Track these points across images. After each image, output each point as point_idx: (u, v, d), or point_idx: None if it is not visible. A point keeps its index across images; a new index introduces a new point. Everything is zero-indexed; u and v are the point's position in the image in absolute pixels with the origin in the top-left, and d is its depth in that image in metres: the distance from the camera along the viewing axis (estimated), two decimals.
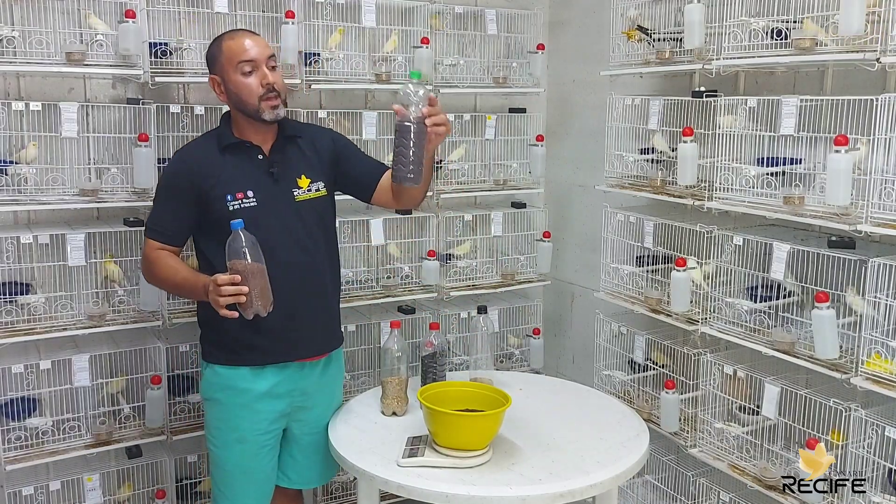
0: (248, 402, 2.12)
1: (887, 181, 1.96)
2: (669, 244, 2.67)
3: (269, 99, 2.06)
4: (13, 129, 2.52)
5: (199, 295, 2.03)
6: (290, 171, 2.16)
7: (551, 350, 3.57)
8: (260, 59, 2.06)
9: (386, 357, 2.25)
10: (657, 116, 2.70)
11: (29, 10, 2.46)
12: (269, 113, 2.07)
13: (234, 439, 2.14)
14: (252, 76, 2.06)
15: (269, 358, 2.13)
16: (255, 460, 2.15)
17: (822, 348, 2.07)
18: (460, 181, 3.23)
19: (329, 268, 2.24)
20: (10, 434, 2.45)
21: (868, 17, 1.97)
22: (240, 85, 2.06)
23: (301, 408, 2.21)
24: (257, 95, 2.06)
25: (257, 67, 2.06)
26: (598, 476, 1.90)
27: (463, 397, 2.06)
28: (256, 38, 2.11)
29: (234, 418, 2.13)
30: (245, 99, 2.07)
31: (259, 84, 2.05)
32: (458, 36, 3.24)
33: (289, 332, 2.14)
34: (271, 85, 2.06)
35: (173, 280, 2.11)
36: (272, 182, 2.12)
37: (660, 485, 2.82)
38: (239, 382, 2.12)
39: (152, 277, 2.17)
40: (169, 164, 2.21)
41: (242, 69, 2.05)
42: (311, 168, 2.20)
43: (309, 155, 2.22)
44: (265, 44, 2.12)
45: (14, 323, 2.45)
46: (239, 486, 2.17)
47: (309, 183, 2.18)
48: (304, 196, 2.16)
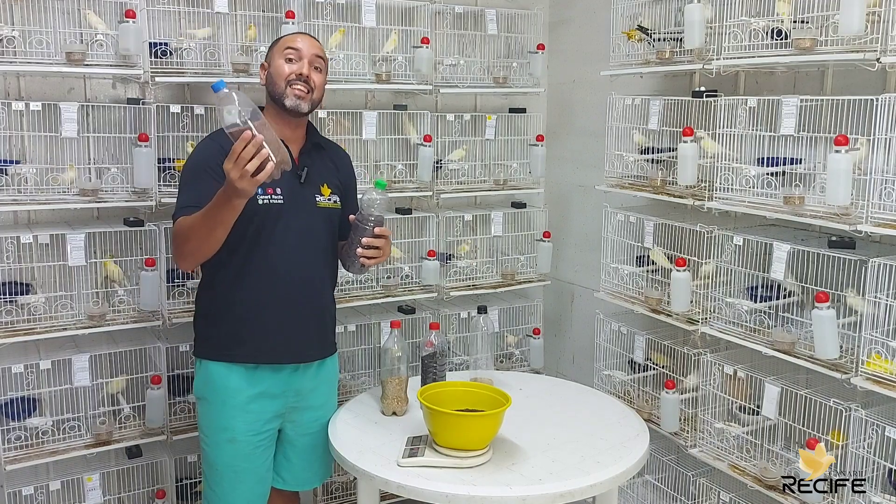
0: (241, 403, 2.12)
1: (887, 181, 1.96)
2: (670, 244, 2.67)
3: (297, 87, 2.10)
4: (13, 129, 2.53)
5: (229, 203, 1.83)
6: (315, 177, 2.19)
7: (551, 350, 3.58)
8: (305, 53, 2.12)
9: (386, 357, 2.25)
10: (657, 116, 2.70)
11: (29, 10, 2.46)
12: (291, 99, 2.10)
13: (225, 439, 2.14)
14: (291, 64, 2.11)
15: (262, 357, 2.13)
16: (247, 461, 2.15)
17: (823, 348, 2.07)
18: (460, 181, 3.23)
19: (330, 276, 2.27)
20: (10, 434, 2.45)
21: (868, 17, 1.97)
22: (277, 67, 2.12)
23: (295, 408, 2.21)
24: (286, 78, 2.10)
25: (300, 59, 2.12)
26: (598, 476, 1.90)
27: (463, 397, 2.06)
28: (311, 40, 2.19)
29: (225, 418, 2.13)
30: (275, 79, 2.12)
31: (292, 71, 2.10)
32: (458, 36, 3.24)
33: (285, 334, 2.14)
34: (305, 76, 2.11)
35: (198, 221, 1.93)
36: (298, 184, 2.14)
37: (660, 485, 2.82)
38: (232, 382, 2.12)
39: (183, 238, 1.98)
40: (199, 146, 2.15)
41: (286, 55, 2.12)
42: (332, 182, 2.24)
43: (332, 168, 2.27)
44: (319, 46, 2.19)
45: (14, 323, 2.45)
46: (229, 485, 2.16)
47: (330, 193, 2.22)
48: (324, 203, 2.20)
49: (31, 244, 2.47)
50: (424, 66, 2.98)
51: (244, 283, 2.11)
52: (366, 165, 3.04)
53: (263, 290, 2.11)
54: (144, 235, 2.64)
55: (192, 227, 1.95)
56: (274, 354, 2.14)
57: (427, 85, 3.03)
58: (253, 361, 2.13)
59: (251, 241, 2.07)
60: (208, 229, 1.92)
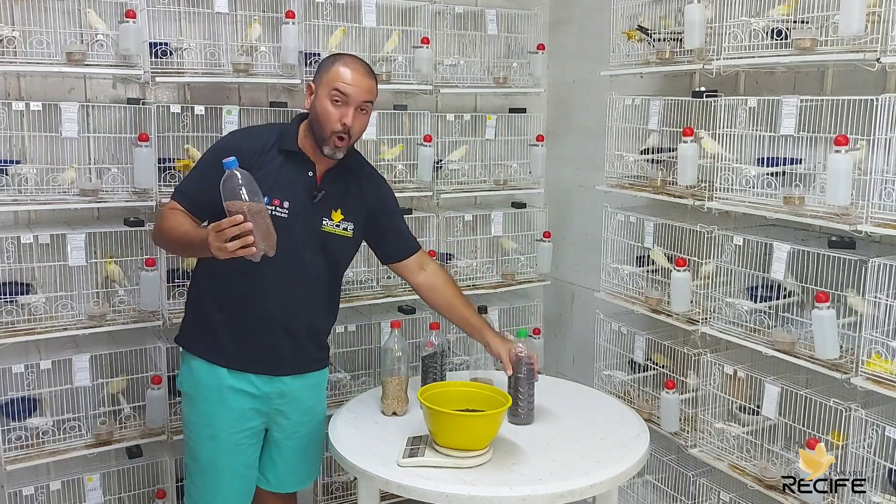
0: (223, 400, 2.11)
1: (887, 181, 1.96)
2: (670, 244, 2.67)
3: (339, 138, 2.04)
4: (13, 129, 2.53)
5: (201, 247, 1.88)
6: (330, 201, 2.14)
7: (551, 350, 3.58)
8: (354, 98, 2.02)
9: (386, 357, 2.25)
10: (657, 116, 2.70)
11: (29, 10, 2.46)
12: (330, 148, 2.05)
13: (207, 436, 2.13)
14: (338, 107, 2.03)
15: (236, 365, 2.11)
16: (228, 457, 2.14)
17: (823, 348, 2.07)
18: (460, 181, 3.23)
19: (324, 300, 2.22)
20: (10, 434, 2.45)
21: (868, 17, 1.97)
22: (324, 110, 2.03)
23: (280, 412, 2.20)
24: (332, 130, 2.03)
25: (347, 104, 2.03)
26: (598, 476, 1.90)
27: (463, 397, 2.06)
28: (365, 81, 2.05)
29: (207, 414, 2.12)
30: (322, 123, 2.04)
31: (339, 120, 2.02)
32: (458, 36, 3.24)
33: (258, 348, 2.12)
34: (348, 128, 2.03)
35: (177, 232, 2.02)
36: (310, 203, 2.10)
37: (660, 485, 2.82)
38: (215, 381, 2.11)
39: (159, 232, 2.08)
40: (224, 139, 2.17)
41: (333, 96, 2.02)
42: (350, 208, 2.18)
43: (354, 194, 2.19)
44: (369, 89, 2.06)
45: (14, 323, 2.45)
46: (211, 480, 2.16)
47: (341, 220, 2.16)
48: (330, 228, 2.14)
49: (31, 244, 2.47)
50: (424, 67, 2.98)
51: (230, 289, 2.09)
52: None
53: (246, 301, 2.09)
54: (144, 235, 2.64)
55: (171, 235, 2.04)
56: (246, 364, 2.12)
57: (427, 85, 3.03)
58: (229, 367, 2.11)
59: None
60: (182, 247, 2.05)
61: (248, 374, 2.13)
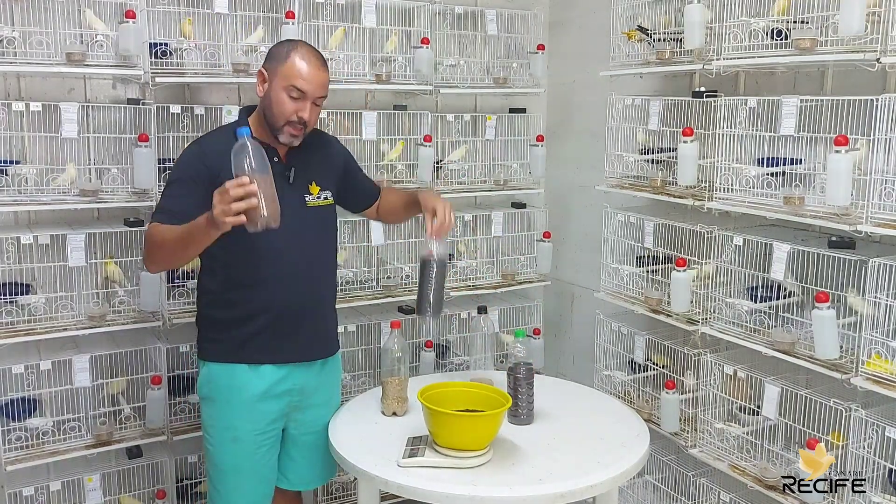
0: (245, 402, 2.12)
1: (887, 181, 1.96)
2: (669, 244, 2.67)
3: (294, 128, 2.07)
4: (13, 129, 2.53)
5: (201, 234, 1.84)
6: (303, 177, 2.18)
7: (551, 350, 3.57)
8: (311, 95, 2.06)
9: (386, 357, 2.25)
10: (657, 117, 2.70)
11: (29, 10, 2.46)
12: (285, 137, 2.08)
13: (228, 438, 2.14)
14: (295, 102, 2.05)
15: (266, 357, 2.13)
16: (251, 460, 2.15)
17: (823, 348, 2.07)
18: (460, 181, 3.23)
19: (329, 275, 2.28)
20: (10, 434, 2.45)
21: (868, 17, 1.97)
22: (279, 102, 2.05)
23: (298, 407, 2.21)
24: (286, 119, 2.06)
25: (304, 99, 2.05)
26: (598, 476, 1.90)
27: (463, 397, 2.06)
28: (321, 75, 2.07)
29: (229, 417, 2.13)
30: (276, 113, 2.06)
31: (294, 112, 2.05)
32: (458, 36, 3.24)
33: (287, 334, 2.14)
34: (304, 120, 2.07)
35: (172, 234, 1.94)
36: (287, 185, 2.12)
37: (660, 485, 2.82)
38: (236, 381, 2.12)
39: (153, 248, 2.01)
40: (185, 152, 2.15)
41: (290, 91, 2.04)
42: (323, 176, 2.23)
43: (322, 163, 2.25)
44: (324, 83, 2.09)
45: (14, 323, 2.45)
46: (233, 485, 2.17)
47: (319, 190, 2.21)
48: (314, 202, 2.19)
49: (31, 244, 2.47)
50: (424, 67, 2.98)
51: (240, 286, 2.11)
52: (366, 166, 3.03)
53: (258, 292, 2.11)
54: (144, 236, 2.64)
55: (167, 240, 1.97)
56: (274, 355, 2.14)
57: (427, 85, 3.03)
58: (255, 362, 2.13)
59: (243, 245, 2.04)
60: (183, 246, 1.94)
61: (268, 367, 2.13)
